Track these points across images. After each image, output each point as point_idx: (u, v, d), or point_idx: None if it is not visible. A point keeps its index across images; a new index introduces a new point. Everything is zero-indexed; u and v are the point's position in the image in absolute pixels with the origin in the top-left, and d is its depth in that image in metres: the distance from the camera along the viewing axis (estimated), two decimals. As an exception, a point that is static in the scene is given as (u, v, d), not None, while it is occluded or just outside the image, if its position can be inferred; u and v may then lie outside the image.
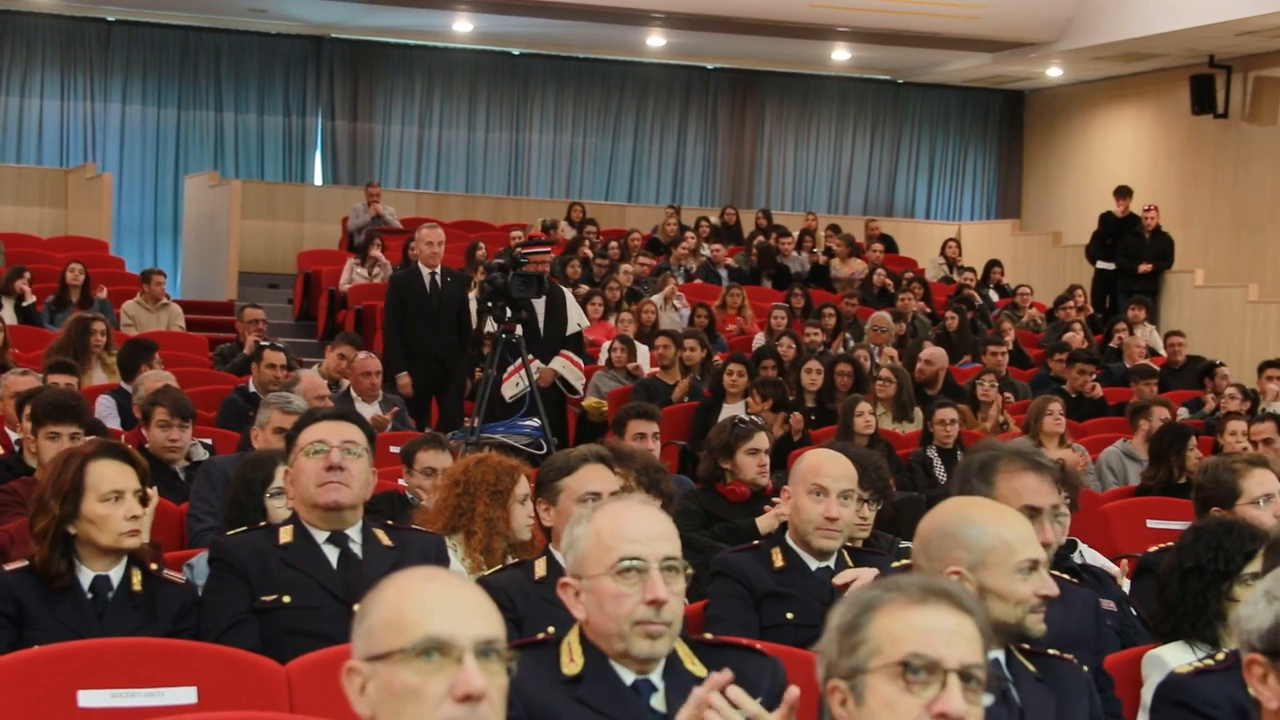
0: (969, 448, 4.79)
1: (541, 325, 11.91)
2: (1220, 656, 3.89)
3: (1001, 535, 3.70)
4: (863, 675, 2.73)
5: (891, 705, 2.70)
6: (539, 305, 11.85)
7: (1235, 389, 13.02)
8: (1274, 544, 4.02)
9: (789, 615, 5.08)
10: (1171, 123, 22.90)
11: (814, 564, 5.23)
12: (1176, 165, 22.83)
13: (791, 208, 25.37)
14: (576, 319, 12.36)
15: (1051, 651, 3.86)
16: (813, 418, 11.96)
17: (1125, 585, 5.99)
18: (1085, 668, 3.98)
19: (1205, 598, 4.45)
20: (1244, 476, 5.52)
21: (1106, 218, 20.32)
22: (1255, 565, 4.37)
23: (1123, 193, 20.26)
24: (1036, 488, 4.34)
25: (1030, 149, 26.43)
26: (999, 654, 3.66)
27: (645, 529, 3.51)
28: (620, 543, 3.48)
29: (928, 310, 17.97)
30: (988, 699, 2.75)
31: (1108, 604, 5.28)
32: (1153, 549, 5.85)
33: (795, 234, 21.20)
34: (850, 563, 5.28)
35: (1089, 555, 6.52)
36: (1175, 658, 4.25)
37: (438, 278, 12.66)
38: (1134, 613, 5.45)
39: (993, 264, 21.15)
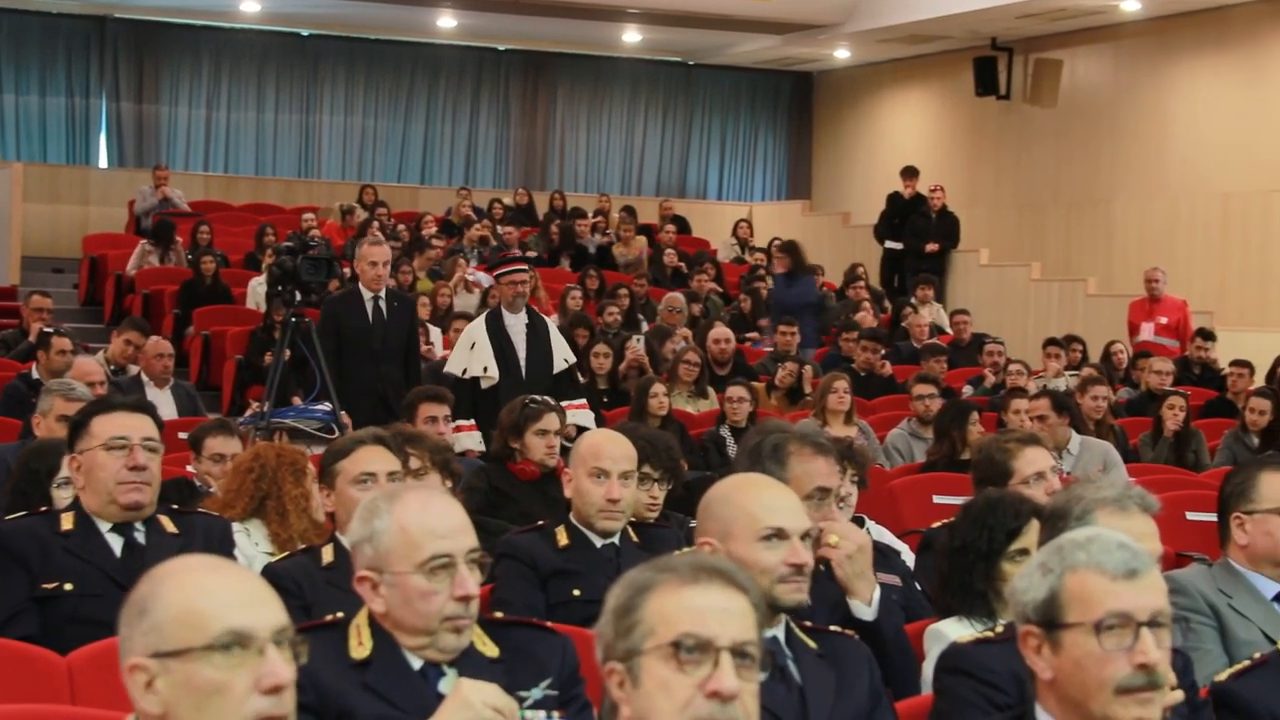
0: (755, 427, 4.86)
1: (524, 362, 10.47)
2: (999, 629, 3.98)
3: (744, 505, 3.78)
4: (638, 657, 2.74)
5: (665, 686, 2.71)
6: (519, 339, 10.50)
7: (1020, 365, 13.30)
8: (1050, 516, 4.11)
9: (575, 592, 5.11)
10: (956, 104, 23.30)
11: (599, 541, 5.27)
12: (961, 146, 23.24)
13: (585, 189, 25.41)
14: (563, 354, 10.75)
15: (833, 628, 3.92)
16: (605, 399, 12.02)
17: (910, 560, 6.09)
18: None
19: (971, 575, 4.53)
20: (1016, 456, 5.57)
21: (894, 198, 20.62)
22: (1022, 542, 4.46)
23: (909, 173, 20.57)
24: (827, 471, 4.58)
25: (819, 130, 26.75)
26: (779, 631, 3.71)
27: (450, 523, 3.47)
28: (429, 539, 3.43)
29: (720, 290, 18.11)
30: (762, 676, 2.78)
31: (892, 579, 5.36)
32: (936, 524, 5.94)
33: (591, 214, 21.25)
34: (636, 540, 5.34)
35: (876, 532, 6.60)
36: (955, 632, 4.32)
37: (381, 303, 10.65)
38: (918, 588, 5.52)
39: (774, 241, 21.36)
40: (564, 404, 9.68)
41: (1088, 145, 21.08)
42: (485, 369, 10.32)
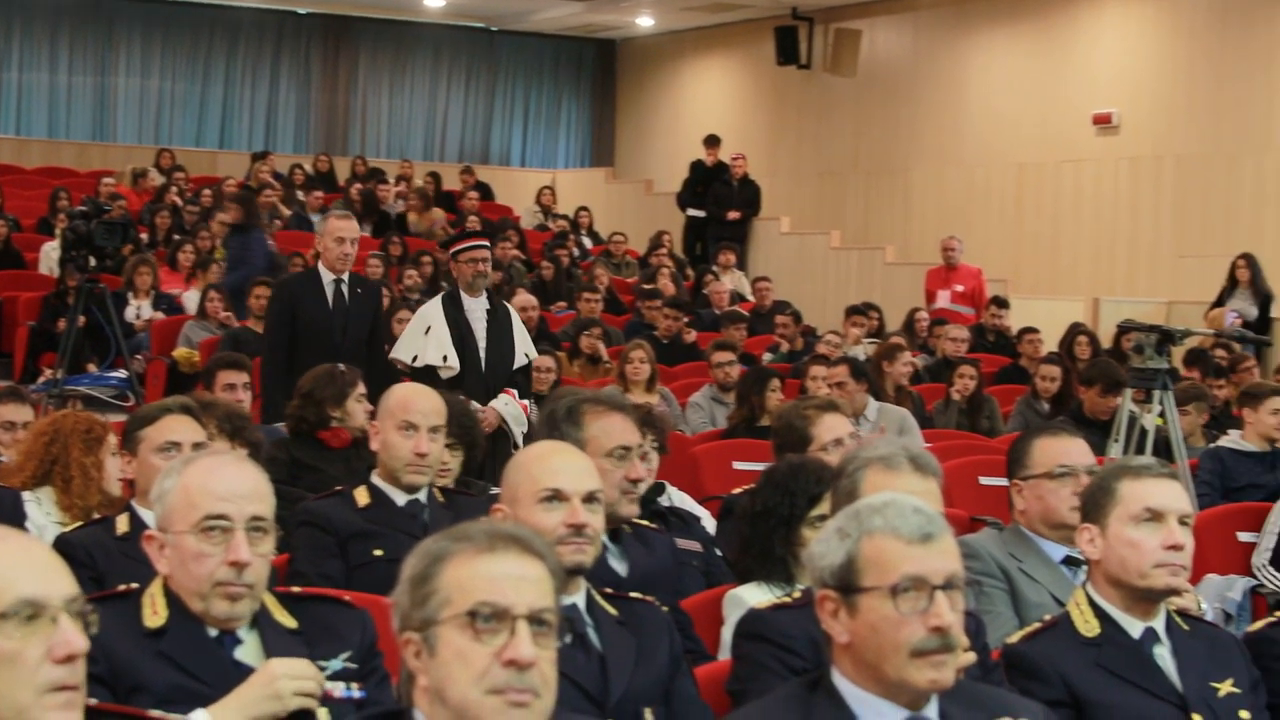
0: (551, 396, 4.87)
1: (483, 354, 9.26)
2: (797, 594, 4.02)
3: (528, 469, 3.82)
4: (434, 626, 2.73)
5: (462, 655, 2.69)
6: (478, 326, 9.28)
7: (834, 334, 13.47)
8: (834, 477, 4.16)
9: (377, 552, 5.05)
10: (757, 73, 23.44)
11: (402, 499, 5.25)
12: (762, 115, 23.39)
13: (387, 155, 25.22)
14: (525, 348, 9.56)
15: (633, 595, 3.94)
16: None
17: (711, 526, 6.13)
18: (666, 609, 4.08)
19: (771, 540, 4.57)
20: (814, 423, 5.63)
21: (696, 166, 20.72)
22: (822, 507, 4.50)
23: (711, 141, 20.68)
24: (624, 427, 4.59)
25: (623, 98, 26.78)
26: (579, 598, 3.73)
27: (235, 487, 3.45)
28: (207, 500, 3.41)
29: (523, 257, 18.09)
30: (564, 641, 2.78)
31: (693, 545, 5.40)
32: (736, 490, 5.98)
33: (393, 181, 21.10)
34: (442, 500, 5.32)
35: (678, 498, 6.64)
36: (754, 597, 4.35)
37: (344, 288, 9.23)
38: (719, 553, 5.56)
39: (580, 209, 21.41)
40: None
41: (886, 115, 21.33)
42: (445, 358, 9.13)
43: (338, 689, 3.45)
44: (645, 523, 4.97)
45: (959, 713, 3.05)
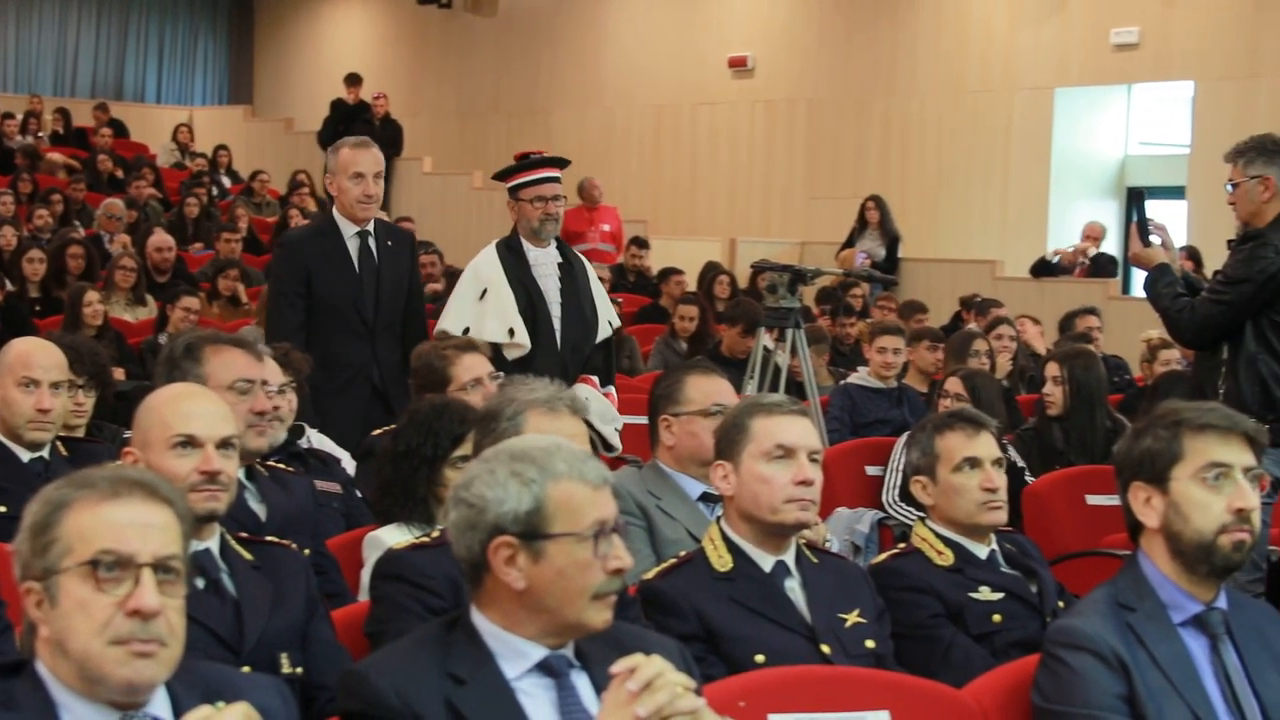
0: (178, 335, 4.79)
1: (558, 324, 7.02)
2: (435, 534, 4.02)
3: (160, 413, 3.74)
4: (55, 576, 2.66)
5: (84, 606, 2.63)
6: (549, 286, 7.04)
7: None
8: (484, 418, 4.16)
9: (1, 509, 4.91)
10: (398, 11, 23.27)
11: (26, 455, 5.13)
12: (404, 53, 23.24)
13: (15, 90, 24.40)
14: (608, 315, 7.27)
15: (269, 538, 3.91)
16: (38, 308, 11.65)
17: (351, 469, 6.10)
18: (307, 551, 4.05)
19: (414, 480, 4.57)
20: (454, 363, 5.65)
21: (338, 104, 20.50)
22: (465, 448, 4.51)
23: (352, 80, 20.47)
24: (245, 362, 4.56)
25: (261, 34, 26.32)
26: (213, 543, 3.67)
27: None
28: None
29: (159, 196, 17.71)
30: (196, 585, 2.74)
31: (332, 486, 5.37)
32: (376, 433, 5.97)
33: (21, 116, 20.44)
34: (66, 454, 5.20)
35: (317, 440, 6.59)
36: (394, 538, 4.35)
37: (371, 242, 7.06)
38: (359, 495, 5.55)
39: (219, 148, 21.05)
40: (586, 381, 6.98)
41: (527, 56, 21.37)
42: (511, 332, 6.90)
43: None
44: (283, 465, 4.94)
45: (594, 650, 3.08)
